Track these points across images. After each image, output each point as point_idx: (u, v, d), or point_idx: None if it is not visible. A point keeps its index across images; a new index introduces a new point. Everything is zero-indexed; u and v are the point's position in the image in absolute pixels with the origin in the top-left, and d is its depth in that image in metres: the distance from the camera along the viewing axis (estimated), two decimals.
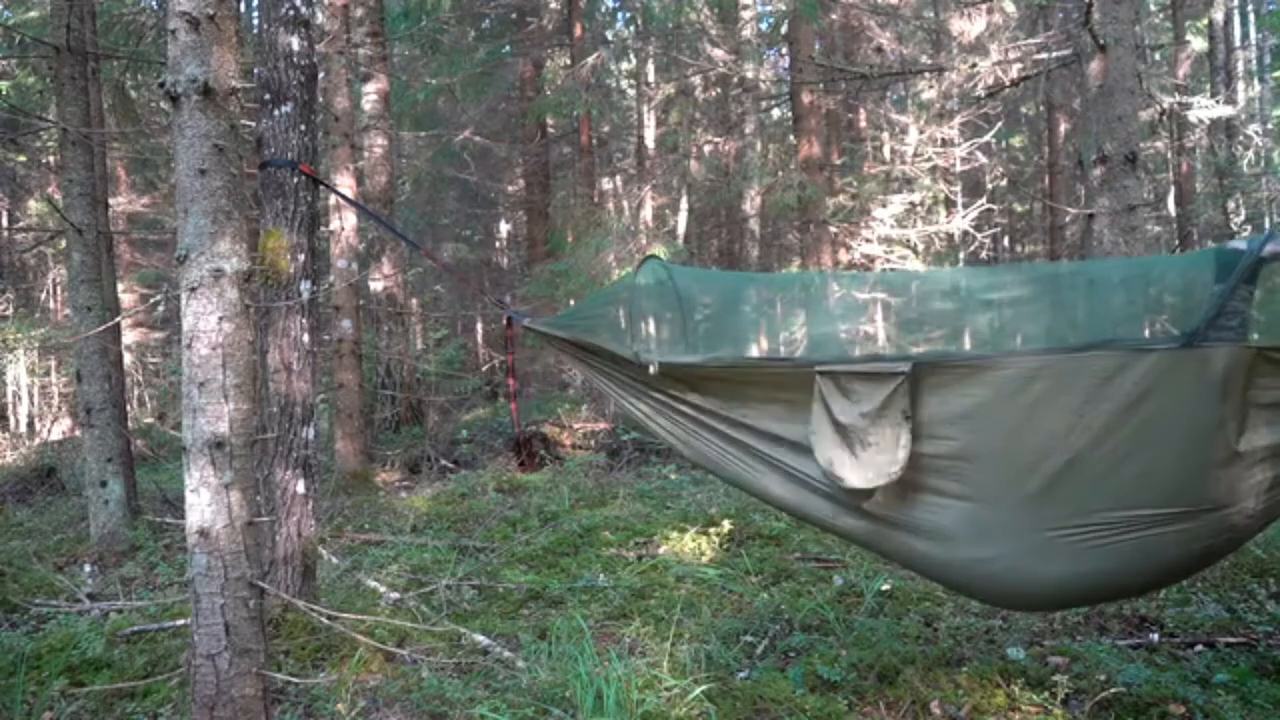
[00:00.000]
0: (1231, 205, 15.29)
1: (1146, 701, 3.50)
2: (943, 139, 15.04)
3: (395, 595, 5.32)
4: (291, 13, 4.56)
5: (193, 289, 2.75)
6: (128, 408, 9.28)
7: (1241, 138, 16.46)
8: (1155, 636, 4.30)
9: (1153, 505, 2.83)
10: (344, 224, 9.90)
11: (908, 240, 14.76)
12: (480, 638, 4.54)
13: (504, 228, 24.07)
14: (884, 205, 14.44)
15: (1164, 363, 2.75)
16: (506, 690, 3.85)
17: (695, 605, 5.02)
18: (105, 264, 7.42)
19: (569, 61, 15.83)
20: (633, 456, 10.29)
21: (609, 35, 19.16)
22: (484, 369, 17.80)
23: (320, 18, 10.62)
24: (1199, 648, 4.13)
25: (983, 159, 16.49)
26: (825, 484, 3.18)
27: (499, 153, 20.14)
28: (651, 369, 3.40)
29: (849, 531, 3.31)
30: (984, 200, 16.03)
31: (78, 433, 11.21)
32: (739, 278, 6.73)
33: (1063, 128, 17.80)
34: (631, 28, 19.50)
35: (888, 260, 14.69)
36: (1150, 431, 2.78)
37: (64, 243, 7.93)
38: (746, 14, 13.09)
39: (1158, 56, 18.25)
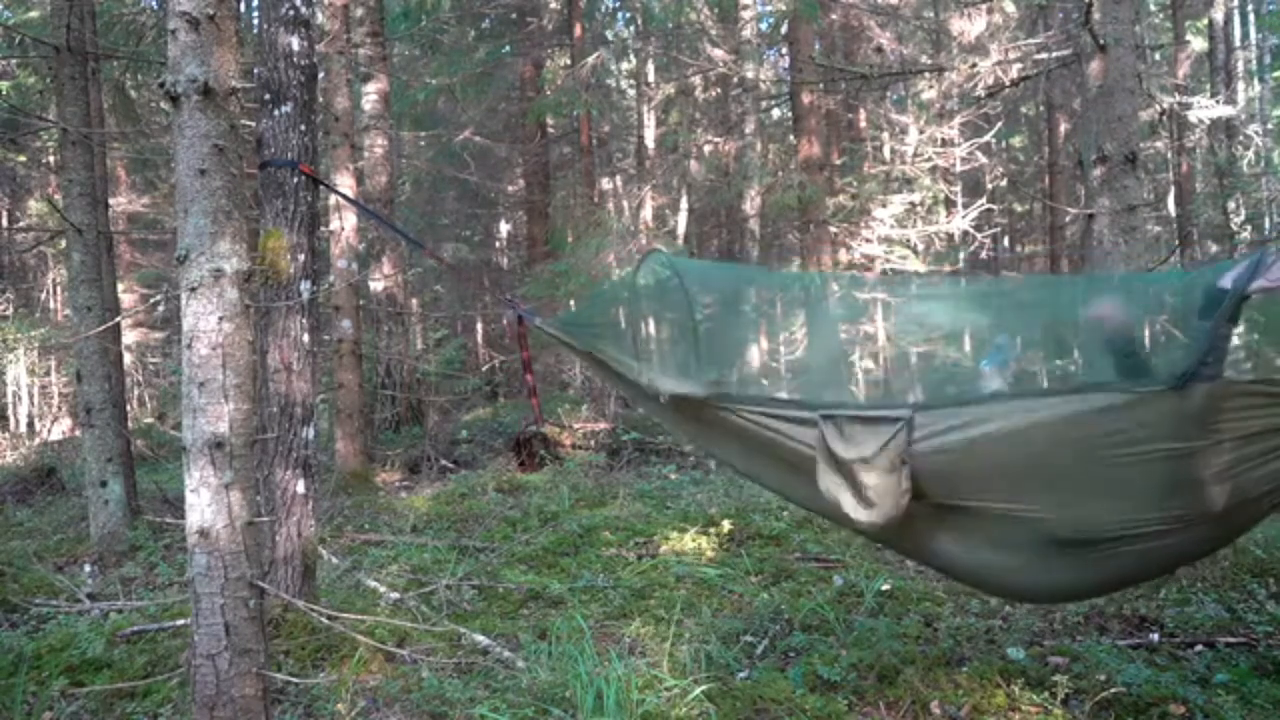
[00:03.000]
0: (1231, 205, 15.28)
1: (1146, 701, 3.50)
2: (943, 139, 15.04)
3: (395, 595, 5.32)
4: (291, 13, 4.56)
5: (193, 289, 2.75)
6: (128, 408, 9.29)
7: (1241, 138, 16.45)
8: (1155, 636, 4.30)
9: (1151, 521, 2.93)
10: (344, 224, 9.90)
11: (908, 240, 14.76)
12: (480, 638, 4.54)
13: (504, 228, 24.06)
14: (884, 205, 14.44)
15: (1155, 403, 2.81)
16: (506, 690, 3.85)
17: (695, 605, 5.02)
18: (105, 264, 7.42)
19: (569, 61, 15.83)
20: (633, 456, 10.28)
21: (609, 35, 19.15)
22: (484, 369, 17.80)
23: (320, 18, 10.61)
24: (1199, 648, 4.13)
25: (983, 159, 16.48)
26: (833, 512, 3.30)
27: (499, 153, 20.12)
28: (661, 399, 3.52)
29: (870, 534, 3.43)
30: (984, 200, 16.03)
31: (78, 433, 11.21)
32: (743, 273, 6.75)
33: (1063, 128, 17.79)
34: (631, 28, 19.50)
35: (888, 260, 14.70)
36: (1144, 459, 2.86)
37: (64, 243, 7.93)
38: (746, 14, 13.08)
39: (1158, 56, 18.23)
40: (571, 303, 14.58)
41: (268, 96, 4.52)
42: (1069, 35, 10.33)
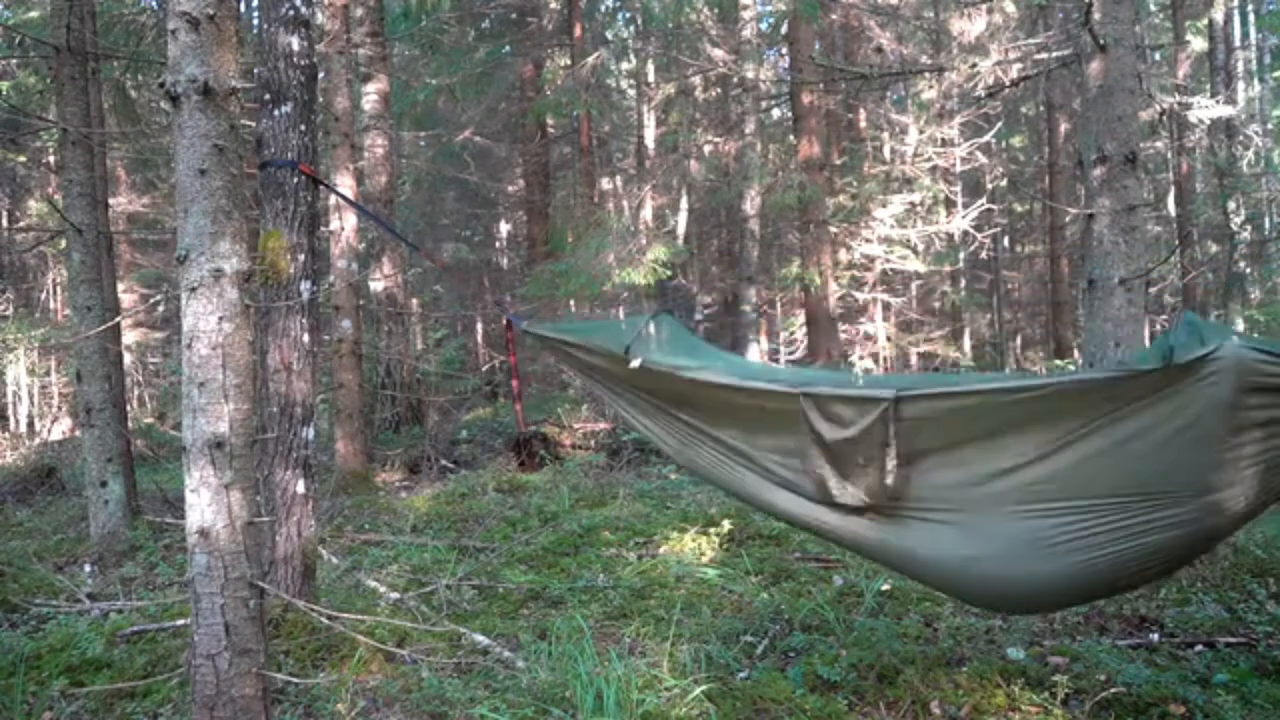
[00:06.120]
0: (1231, 205, 15.28)
1: (1146, 701, 3.50)
2: (943, 139, 15.05)
3: (395, 595, 5.32)
4: (291, 13, 4.56)
5: (193, 289, 2.75)
6: (128, 408, 9.28)
7: (1241, 138, 16.45)
8: (1155, 636, 4.30)
9: (1139, 496, 2.86)
10: (344, 224, 9.90)
11: (908, 240, 14.78)
12: (480, 638, 4.54)
13: (504, 228, 24.07)
14: (884, 205, 14.46)
15: (1142, 381, 2.79)
16: (506, 690, 3.85)
17: (695, 605, 5.02)
18: (105, 264, 7.42)
19: (569, 61, 15.83)
20: (633, 456, 10.28)
21: (609, 35, 19.16)
22: (484, 369, 17.81)
23: (320, 18, 10.61)
24: (1199, 648, 4.13)
25: (983, 159, 16.49)
26: (816, 493, 3.27)
27: (499, 153, 20.13)
28: (634, 363, 3.46)
29: (840, 537, 3.37)
30: (984, 200, 16.05)
31: (78, 433, 11.21)
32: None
33: (1063, 128, 17.80)
34: (631, 28, 19.51)
35: (888, 260, 14.71)
36: (1131, 439, 2.83)
37: (64, 243, 7.93)
38: (746, 14, 13.08)
39: (1158, 56, 18.24)
40: (571, 304, 14.59)
41: (268, 96, 4.52)
42: (1069, 35, 10.33)
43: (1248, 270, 16.65)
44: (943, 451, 3.08)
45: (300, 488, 4.49)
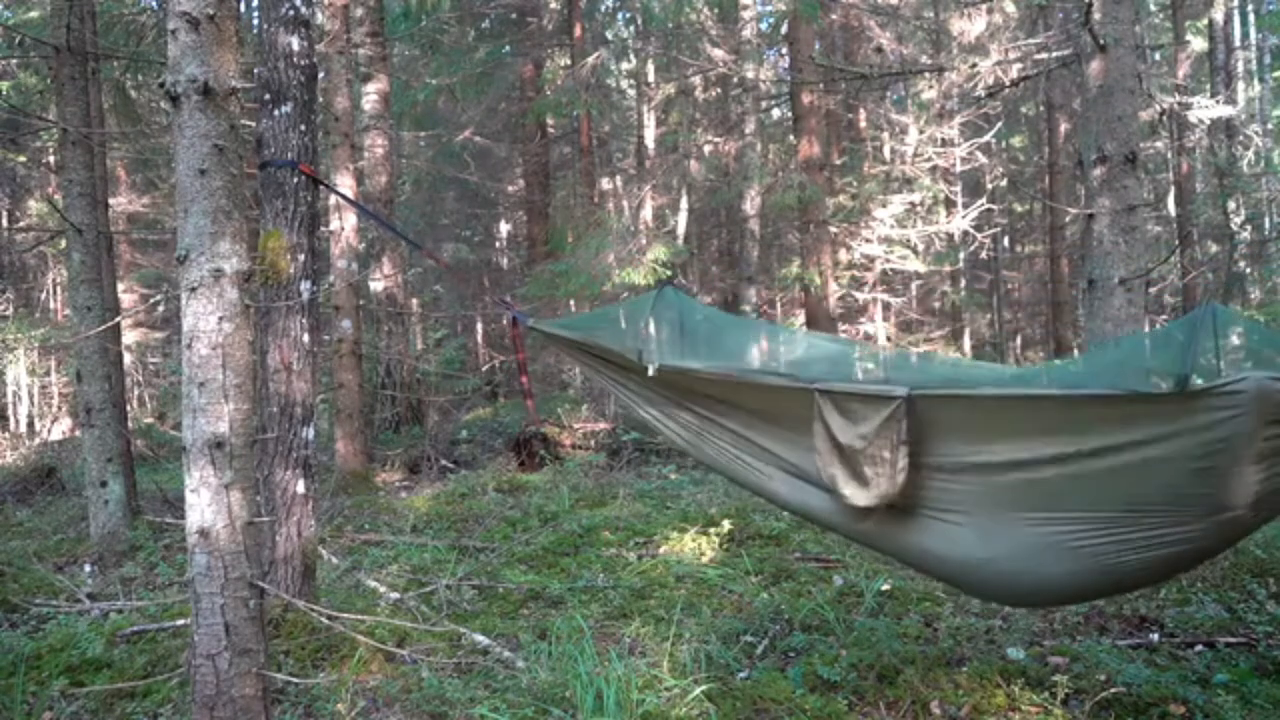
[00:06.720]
0: (1231, 205, 15.28)
1: (1146, 701, 3.50)
2: (943, 139, 15.05)
3: (395, 595, 5.32)
4: (291, 13, 4.56)
5: (193, 289, 2.75)
6: (128, 408, 9.28)
7: (1241, 138, 16.45)
8: (1155, 636, 4.30)
9: (1149, 511, 2.87)
10: (344, 224, 9.90)
11: (908, 240, 14.78)
12: (480, 638, 4.54)
13: (504, 228, 24.06)
14: (884, 205, 14.45)
15: (1155, 404, 2.79)
16: (506, 690, 3.85)
17: (695, 605, 5.02)
18: (105, 264, 7.42)
19: (569, 61, 15.82)
20: (633, 456, 10.28)
21: (609, 35, 19.15)
22: (484, 369, 17.80)
23: (320, 18, 10.62)
24: (1199, 648, 4.13)
25: (983, 159, 16.49)
26: (829, 488, 3.27)
27: (499, 153, 20.13)
28: (650, 370, 3.49)
29: (854, 533, 3.41)
30: (984, 200, 16.04)
31: (78, 433, 11.21)
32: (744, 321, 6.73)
33: (1063, 128, 17.78)
34: (631, 28, 19.50)
35: (888, 260, 14.71)
36: (1145, 457, 2.83)
37: (64, 243, 7.93)
38: (746, 14, 13.08)
39: (1158, 56, 18.24)
40: (571, 304, 14.58)
41: (268, 96, 4.52)
42: (1069, 35, 10.33)
43: (1248, 270, 16.66)
44: (954, 453, 3.08)
45: (300, 488, 4.49)
